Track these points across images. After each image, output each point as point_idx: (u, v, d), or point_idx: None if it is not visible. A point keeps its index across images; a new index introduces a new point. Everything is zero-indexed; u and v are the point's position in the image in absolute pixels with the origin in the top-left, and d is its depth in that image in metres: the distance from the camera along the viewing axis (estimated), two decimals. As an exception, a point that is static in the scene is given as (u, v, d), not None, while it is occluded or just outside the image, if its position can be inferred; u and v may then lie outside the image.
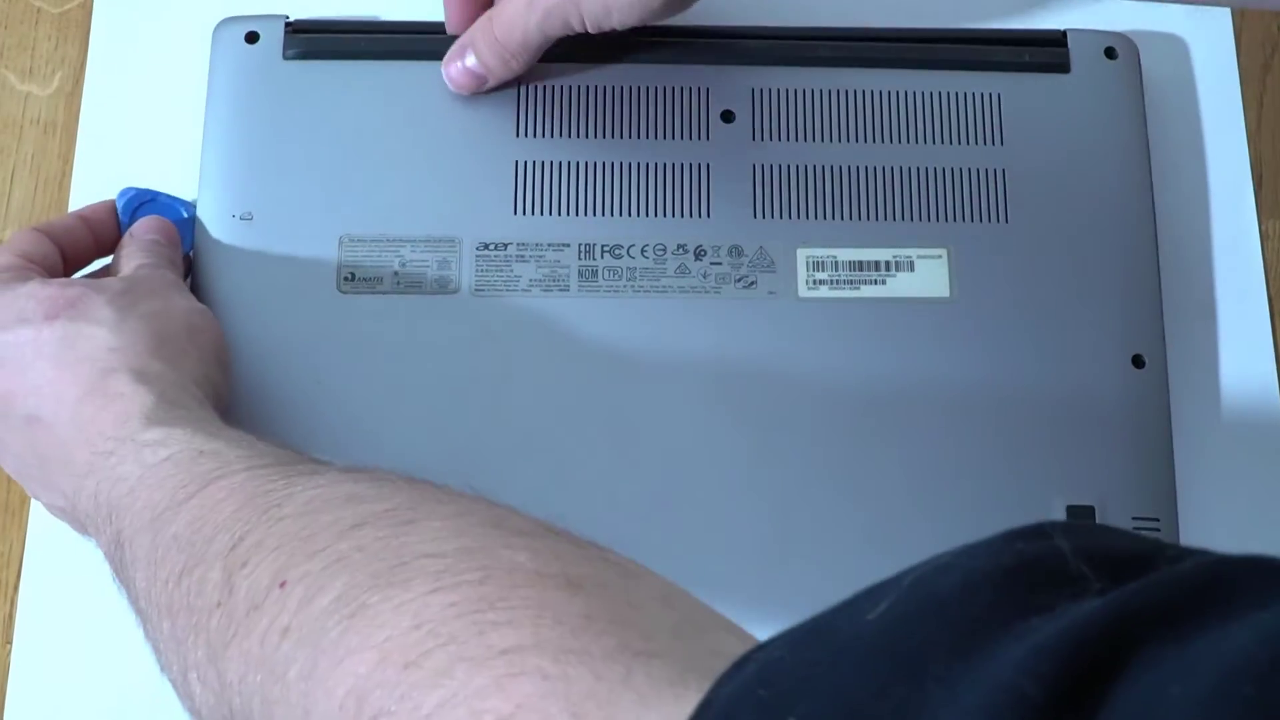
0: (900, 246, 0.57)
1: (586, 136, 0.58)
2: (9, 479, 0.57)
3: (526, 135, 0.58)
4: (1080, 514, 0.54)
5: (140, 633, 0.53)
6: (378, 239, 0.57)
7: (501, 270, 0.57)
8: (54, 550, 0.56)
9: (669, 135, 0.58)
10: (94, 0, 0.63)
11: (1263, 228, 0.62)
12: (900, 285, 0.57)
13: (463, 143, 0.58)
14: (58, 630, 0.56)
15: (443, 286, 0.56)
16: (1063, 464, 0.55)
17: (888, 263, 0.57)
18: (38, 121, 0.62)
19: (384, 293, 0.56)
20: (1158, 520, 0.55)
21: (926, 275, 0.57)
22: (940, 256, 0.57)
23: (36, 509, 0.57)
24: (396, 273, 0.56)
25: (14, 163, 0.62)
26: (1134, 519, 0.55)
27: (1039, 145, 0.59)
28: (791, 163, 0.58)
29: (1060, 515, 0.54)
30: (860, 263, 0.57)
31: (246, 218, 0.57)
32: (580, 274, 0.57)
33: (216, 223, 0.57)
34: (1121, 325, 0.57)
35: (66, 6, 0.64)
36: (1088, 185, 0.58)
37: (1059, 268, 0.57)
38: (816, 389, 0.56)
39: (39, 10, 0.64)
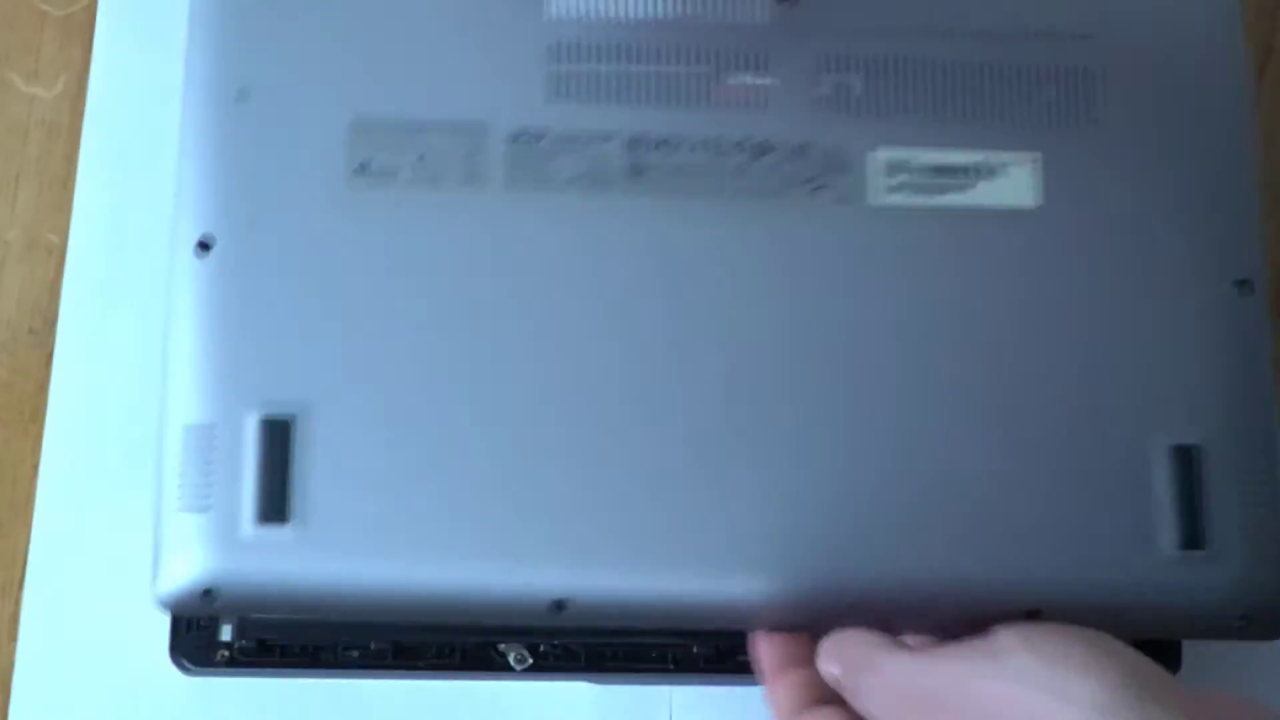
0: (986, 149, 0.51)
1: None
2: (13, 477, 0.59)
3: (565, 9, 0.51)
4: (1185, 455, 0.49)
5: (142, 631, 0.54)
6: (395, 122, 0.50)
7: (536, 164, 0.50)
8: (59, 548, 0.58)
9: (724, 14, 0.52)
10: (98, 2, 0.64)
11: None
12: (984, 193, 0.51)
13: (493, 13, 0.51)
14: (62, 628, 0.57)
15: (469, 181, 0.49)
16: (1163, 399, 0.50)
17: (973, 167, 0.51)
18: (43, 124, 0.63)
19: (401, 186, 0.49)
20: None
21: (1014, 182, 0.51)
22: (1030, 163, 0.51)
23: (41, 507, 0.58)
24: (416, 164, 0.49)
25: (19, 165, 0.63)
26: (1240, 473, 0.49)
27: (1137, 43, 0.53)
28: (863, 54, 0.52)
29: (1163, 457, 0.49)
30: (942, 166, 0.51)
31: (241, 97, 0.50)
32: (626, 171, 0.50)
33: (205, 103, 0.50)
34: (1224, 245, 0.51)
35: (71, 9, 0.64)
36: (1188, 89, 0.53)
37: (1156, 179, 0.51)
38: (886, 306, 0.50)
39: (44, 13, 0.64)
